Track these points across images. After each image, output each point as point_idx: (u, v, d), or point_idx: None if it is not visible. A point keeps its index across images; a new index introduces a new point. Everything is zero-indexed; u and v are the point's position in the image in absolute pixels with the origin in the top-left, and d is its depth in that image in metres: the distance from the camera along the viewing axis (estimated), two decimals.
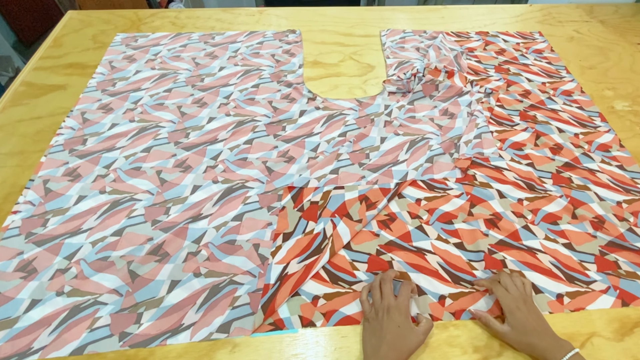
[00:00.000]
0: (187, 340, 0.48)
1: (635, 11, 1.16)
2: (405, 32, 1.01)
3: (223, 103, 0.80)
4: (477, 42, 1.00)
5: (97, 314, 0.50)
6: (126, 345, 0.47)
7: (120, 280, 0.53)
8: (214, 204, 0.62)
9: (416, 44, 0.97)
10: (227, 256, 0.56)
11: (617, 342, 0.49)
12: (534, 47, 0.99)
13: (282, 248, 0.56)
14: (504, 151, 0.72)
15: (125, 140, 0.72)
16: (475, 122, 0.75)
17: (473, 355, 0.48)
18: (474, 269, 0.55)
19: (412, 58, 0.92)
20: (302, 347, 0.48)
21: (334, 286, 0.53)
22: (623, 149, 0.73)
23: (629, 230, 0.60)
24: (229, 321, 0.49)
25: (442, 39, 0.97)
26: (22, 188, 0.64)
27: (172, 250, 0.56)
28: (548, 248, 0.58)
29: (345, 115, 0.78)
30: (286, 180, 0.66)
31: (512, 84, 0.87)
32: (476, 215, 0.61)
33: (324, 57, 0.95)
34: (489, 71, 0.91)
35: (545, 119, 0.78)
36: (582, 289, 0.54)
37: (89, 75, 0.86)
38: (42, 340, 0.47)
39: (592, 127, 0.77)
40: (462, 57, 0.92)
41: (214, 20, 1.07)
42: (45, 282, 0.52)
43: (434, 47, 0.92)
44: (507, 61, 0.94)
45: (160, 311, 0.50)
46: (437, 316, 0.51)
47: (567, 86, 0.87)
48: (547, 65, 0.93)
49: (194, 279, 0.53)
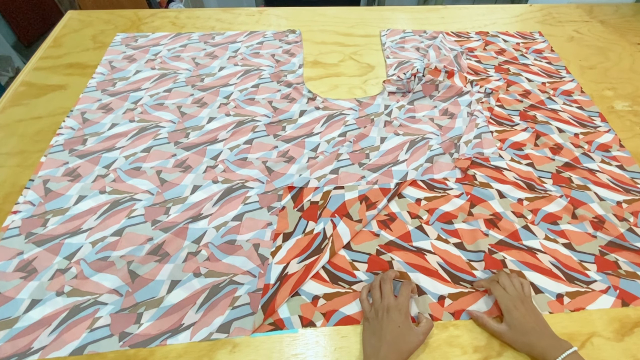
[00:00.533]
0: (187, 340, 0.48)
1: (635, 11, 1.16)
2: (405, 32, 1.01)
3: (223, 103, 0.80)
4: (477, 42, 1.00)
5: (97, 314, 0.50)
6: (126, 345, 0.47)
7: (120, 280, 0.53)
8: (214, 204, 0.62)
9: (416, 44, 0.97)
10: (227, 256, 0.56)
11: (617, 342, 0.49)
12: (534, 47, 0.99)
13: (282, 248, 0.56)
14: (504, 151, 0.72)
15: (125, 140, 0.72)
16: (475, 122, 0.75)
17: (473, 355, 0.48)
18: (474, 269, 0.55)
19: (412, 58, 0.92)
20: (302, 347, 0.48)
21: (334, 286, 0.53)
22: (623, 149, 0.73)
23: (629, 230, 0.60)
24: (229, 321, 0.49)
25: (442, 39, 0.97)
26: (22, 188, 0.64)
27: (172, 250, 0.56)
28: (548, 248, 0.58)
29: (345, 115, 0.78)
30: (286, 180, 0.66)
31: (512, 84, 0.87)
32: (476, 215, 0.62)
33: (324, 57, 0.95)
34: (488, 71, 0.91)
35: (545, 119, 0.78)
36: (582, 289, 0.54)
37: (89, 75, 0.86)
38: (42, 340, 0.47)
39: (592, 127, 0.77)
40: (462, 57, 0.92)
41: (214, 20, 1.07)
42: (45, 282, 0.52)
43: (434, 47, 0.92)
44: (507, 61, 0.94)
45: (160, 311, 0.50)
46: (437, 316, 0.51)
47: (567, 86, 0.87)
48: (547, 65, 0.93)
49: (194, 279, 0.53)
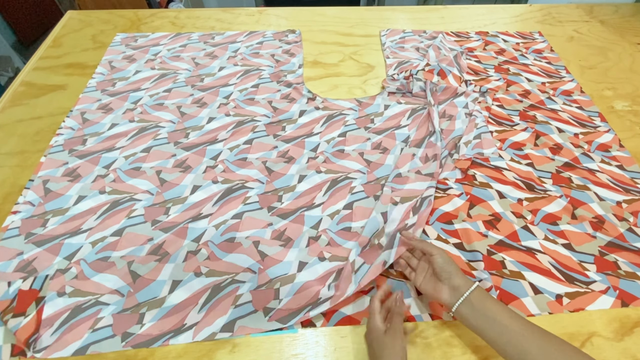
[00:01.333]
0: (189, 340, 0.48)
1: (635, 11, 1.16)
2: (405, 32, 1.01)
3: (223, 103, 0.80)
4: (476, 42, 1.00)
5: (99, 314, 0.50)
6: (129, 346, 0.47)
7: (122, 280, 0.53)
8: (214, 204, 0.62)
9: (416, 44, 0.97)
10: (227, 254, 0.55)
11: (617, 342, 0.49)
12: (534, 47, 0.99)
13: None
14: (503, 151, 0.72)
15: (125, 140, 0.72)
16: (475, 122, 0.75)
17: (473, 355, 0.48)
18: (473, 269, 0.55)
19: (412, 58, 0.92)
20: (302, 347, 0.48)
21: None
22: (623, 149, 0.73)
23: (629, 230, 0.60)
24: (232, 320, 0.49)
25: (442, 39, 0.97)
26: (21, 188, 0.63)
27: (172, 250, 0.56)
28: (547, 248, 0.58)
29: (345, 115, 0.78)
30: (287, 180, 0.66)
31: (511, 83, 0.87)
32: (475, 215, 0.62)
33: (324, 57, 0.95)
34: (488, 71, 0.91)
35: (545, 118, 0.78)
36: (581, 289, 0.54)
37: (88, 75, 0.86)
38: (44, 340, 0.47)
39: (592, 127, 0.77)
40: (462, 57, 0.92)
41: (213, 20, 1.07)
42: (46, 282, 0.52)
43: (434, 47, 0.92)
44: (506, 61, 0.94)
45: (163, 311, 0.50)
46: (437, 315, 0.51)
47: (567, 86, 0.87)
48: (547, 65, 0.93)
49: (194, 278, 0.53)
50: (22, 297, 0.50)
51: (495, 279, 0.54)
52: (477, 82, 0.86)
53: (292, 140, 0.73)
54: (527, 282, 0.54)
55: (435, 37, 0.99)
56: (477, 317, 0.43)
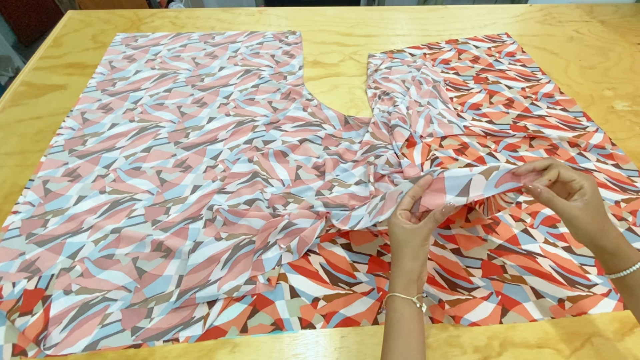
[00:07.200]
0: (199, 332, 0.48)
1: (635, 11, 1.16)
2: (393, 62, 0.95)
3: (223, 103, 0.80)
4: (449, 52, 0.98)
5: (107, 310, 0.50)
6: (139, 340, 0.47)
7: (128, 276, 0.53)
8: None
9: (402, 75, 0.90)
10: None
11: (617, 342, 0.49)
12: (505, 50, 0.99)
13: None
14: (498, 152, 0.72)
15: (125, 140, 0.72)
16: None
17: (473, 355, 0.48)
18: (471, 275, 0.55)
19: (395, 90, 0.84)
20: (302, 347, 0.48)
21: (334, 288, 0.53)
22: (616, 147, 0.73)
23: (628, 230, 0.60)
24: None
25: (425, 68, 0.92)
26: (22, 188, 0.64)
27: (174, 247, 0.56)
28: (548, 252, 0.58)
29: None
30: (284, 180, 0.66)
31: (493, 94, 0.86)
32: (474, 220, 0.61)
33: (324, 57, 0.95)
34: (468, 83, 0.89)
35: (536, 127, 0.77)
36: (583, 292, 0.53)
37: (89, 75, 0.86)
38: (53, 337, 0.47)
39: (581, 129, 0.77)
40: (442, 88, 0.87)
41: (214, 20, 1.07)
42: (52, 281, 0.52)
43: (416, 83, 0.86)
44: (483, 69, 0.93)
45: (171, 305, 0.50)
46: (438, 318, 0.50)
47: (546, 88, 0.87)
48: (522, 69, 0.93)
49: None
50: (28, 296, 0.50)
51: (497, 284, 0.53)
52: (460, 98, 0.84)
53: (292, 139, 0.73)
54: (529, 287, 0.53)
55: (421, 67, 0.92)
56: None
